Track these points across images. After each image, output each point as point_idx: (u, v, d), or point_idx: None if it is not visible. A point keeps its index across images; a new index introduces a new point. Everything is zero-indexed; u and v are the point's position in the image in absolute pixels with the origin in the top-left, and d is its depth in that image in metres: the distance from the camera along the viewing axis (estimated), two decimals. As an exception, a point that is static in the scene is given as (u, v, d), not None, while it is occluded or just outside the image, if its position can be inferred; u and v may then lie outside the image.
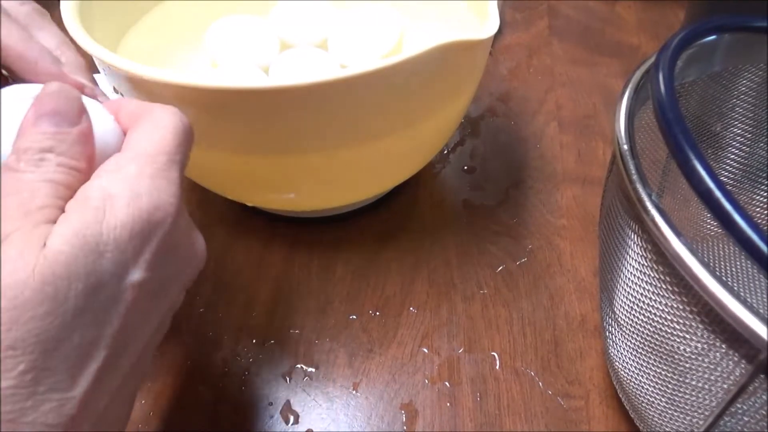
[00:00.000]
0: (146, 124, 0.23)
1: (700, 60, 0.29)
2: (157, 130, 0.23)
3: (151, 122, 0.23)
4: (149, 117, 0.23)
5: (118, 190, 0.20)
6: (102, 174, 0.21)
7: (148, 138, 0.22)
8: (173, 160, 0.22)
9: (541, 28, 0.59)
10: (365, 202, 0.42)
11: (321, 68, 0.40)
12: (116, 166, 0.21)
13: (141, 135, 0.23)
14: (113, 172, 0.21)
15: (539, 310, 0.37)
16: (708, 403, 0.23)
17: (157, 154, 0.22)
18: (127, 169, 0.21)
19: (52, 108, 0.21)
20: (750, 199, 0.33)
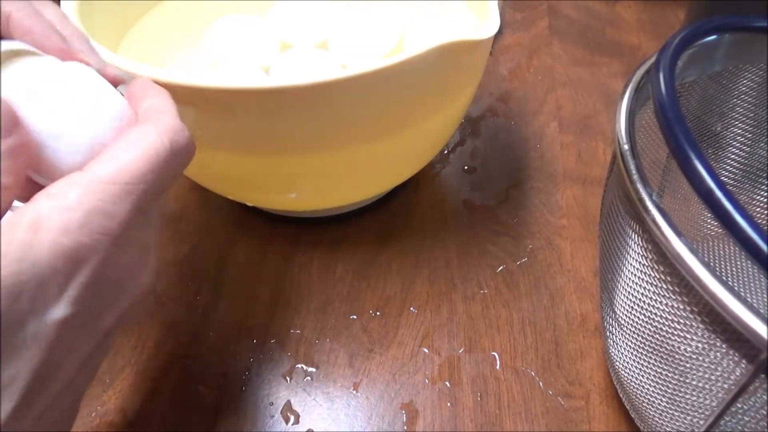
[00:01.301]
0: (122, 141, 0.21)
1: (700, 60, 0.29)
2: (127, 152, 0.21)
3: (128, 139, 0.21)
4: (132, 131, 0.22)
5: (48, 221, 0.19)
6: (41, 198, 0.20)
7: (113, 159, 0.21)
8: (129, 190, 0.21)
9: (541, 28, 0.59)
10: (365, 202, 0.42)
11: (321, 68, 0.40)
12: (61, 188, 0.20)
13: (110, 152, 0.21)
14: (53, 197, 0.20)
15: (539, 310, 0.37)
16: (708, 403, 0.23)
17: (110, 182, 0.20)
18: (68, 196, 0.19)
19: None
20: (750, 199, 0.33)
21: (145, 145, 0.21)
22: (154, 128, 0.22)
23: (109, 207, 0.20)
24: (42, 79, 0.22)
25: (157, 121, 0.22)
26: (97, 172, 0.20)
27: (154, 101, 0.24)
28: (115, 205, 0.20)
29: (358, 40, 0.42)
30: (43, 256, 0.18)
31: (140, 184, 0.21)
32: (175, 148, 0.22)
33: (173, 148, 0.22)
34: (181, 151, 0.22)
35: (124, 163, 0.21)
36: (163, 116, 0.23)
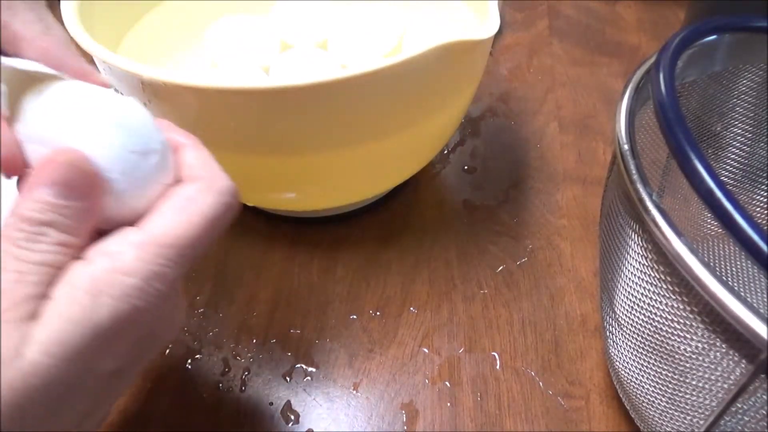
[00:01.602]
0: (179, 199, 0.21)
1: (700, 60, 0.29)
2: (186, 214, 0.21)
3: (185, 199, 0.21)
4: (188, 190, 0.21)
5: (108, 288, 0.19)
6: (98, 257, 0.20)
7: (170, 221, 0.20)
8: (185, 254, 0.20)
9: (541, 28, 0.59)
10: (365, 202, 0.42)
11: (321, 68, 0.40)
12: (119, 249, 0.20)
13: (166, 213, 0.21)
14: (111, 258, 0.19)
15: (539, 310, 0.37)
16: (708, 403, 0.23)
17: (169, 245, 0.20)
18: (126, 260, 0.19)
19: (62, 178, 0.20)
20: (750, 199, 0.33)
21: (203, 209, 0.21)
22: (210, 191, 0.21)
23: (165, 271, 0.20)
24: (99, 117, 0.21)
25: (213, 181, 0.22)
26: (156, 234, 0.20)
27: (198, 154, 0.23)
28: (171, 269, 0.20)
29: (358, 40, 0.42)
30: (102, 321, 0.19)
31: (196, 248, 0.21)
32: (228, 212, 0.22)
33: (227, 211, 0.22)
34: (231, 212, 0.22)
35: (182, 228, 0.20)
36: (217, 176, 0.22)
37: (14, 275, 0.18)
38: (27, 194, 0.19)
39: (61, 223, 0.19)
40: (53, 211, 0.19)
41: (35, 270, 0.19)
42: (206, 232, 0.21)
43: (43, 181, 0.19)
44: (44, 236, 0.19)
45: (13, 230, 0.19)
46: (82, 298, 0.19)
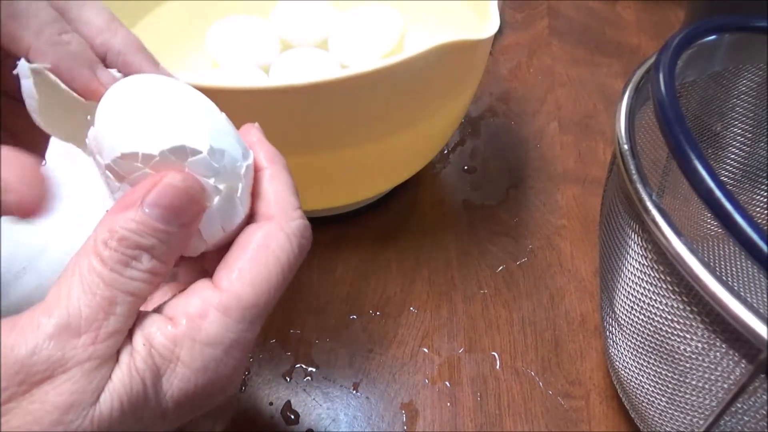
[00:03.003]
0: (255, 248, 0.19)
1: (700, 60, 0.29)
2: (267, 267, 0.19)
3: (266, 249, 0.19)
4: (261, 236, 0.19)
5: (187, 356, 0.17)
6: (181, 319, 0.18)
7: (249, 277, 0.19)
8: (264, 314, 0.19)
9: (541, 28, 0.59)
10: (365, 202, 0.42)
11: (321, 68, 0.40)
12: (198, 311, 0.18)
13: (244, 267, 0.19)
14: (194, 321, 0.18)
15: (539, 310, 0.37)
16: (708, 403, 0.23)
17: (251, 306, 0.18)
18: (208, 331, 0.18)
19: (171, 202, 0.18)
20: (750, 199, 0.33)
21: (279, 255, 0.19)
22: (286, 234, 0.20)
23: (247, 336, 0.18)
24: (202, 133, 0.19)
25: (288, 221, 0.20)
26: (238, 294, 0.18)
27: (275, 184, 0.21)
28: (251, 333, 0.19)
29: (358, 40, 0.42)
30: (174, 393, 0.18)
31: (273, 303, 0.19)
32: (302, 254, 0.20)
33: (301, 253, 0.20)
34: (303, 255, 0.20)
35: (263, 286, 0.19)
36: (292, 214, 0.20)
37: (103, 302, 0.17)
38: (124, 211, 0.18)
39: (158, 249, 0.18)
40: (154, 236, 0.18)
41: (126, 301, 0.17)
42: (283, 284, 0.19)
43: (151, 201, 0.18)
44: (138, 262, 0.17)
45: (104, 248, 0.17)
46: (160, 360, 0.17)
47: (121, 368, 0.17)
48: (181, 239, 0.18)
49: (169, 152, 0.18)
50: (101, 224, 0.18)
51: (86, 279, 0.17)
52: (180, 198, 0.18)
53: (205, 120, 0.20)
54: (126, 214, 0.18)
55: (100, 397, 0.16)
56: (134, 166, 0.19)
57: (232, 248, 0.19)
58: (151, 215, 0.18)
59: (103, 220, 0.18)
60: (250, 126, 0.23)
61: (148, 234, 0.18)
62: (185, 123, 0.19)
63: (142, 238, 0.17)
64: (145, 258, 0.18)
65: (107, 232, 0.17)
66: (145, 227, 0.18)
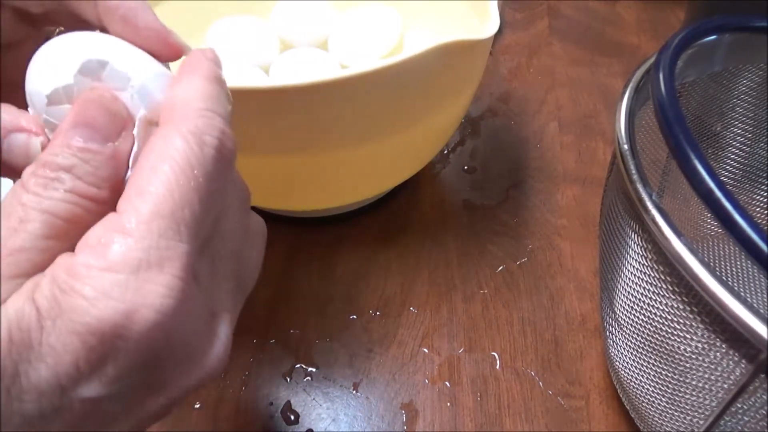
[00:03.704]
0: (153, 159, 0.17)
1: (700, 60, 0.29)
2: (162, 171, 0.17)
3: (159, 154, 0.17)
4: (161, 144, 0.17)
5: (84, 286, 0.15)
6: (82, 249, 0.16)
7: (146, 186, 0.17)
8: (175, 225, 0.16)
9: (541, 28, 0.59)
10: (365, 202, 0.42)
11: (321, 68, 0.40)
12: (100, 238, 0.16)
13: (139, 179, 0.17)
14: (93, 249, 0.16)
15: (539, 310, 0.37)
16: (708, 403, 0.23)
17: (153, 217, 0.16)
18: (106, 252, 0.16)
19: (85, 118, 0.17)
20: (750, 199, 0.33)
21: (175, 158, 0.17)
22: (181, 134, 0.17)
23: (160, 254, 0.16)
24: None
25: (184, 122, 0.18)
26: (135, 209, 0.16)
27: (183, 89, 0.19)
28: (168, 249, 0.16)
29: (358, 40, 0.42)
30: (72, 327, 0.15)
31: (185, 209, 0.17)
32: (210, 152, 0.18)
33: (203, 151, 0.18)
34: (218, 153, 0.18)
35: (157, 190, 0.17)
36: (190, 114, 0.18)
37: (14, 221, 0.16)
38: (52, 139, 0.17)
39: (81, 168, 0.17)
40: (75, 156, 0.17)
41: (37, 219, 0.16)
42: (189, 186, 0.17)
43: (68, 122, 0.17)
44: (57, 182, 0.17)
45: (29, 176, 0.17)
46: (56, 289, 0.15)
47: (20, 294, 0.16)
48: (108, 157, 0.17)
49: (80, 73, 0.18)
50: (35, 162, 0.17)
51: (6, 203, 0.17)
52: (93, 110, 0.18)
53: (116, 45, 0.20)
54: (50, 145, 0.17)
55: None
56: (63, 109, 0.19)
57: (137, 167, 0.18)
58: (71, 135, 0.17)
59: None
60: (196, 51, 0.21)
61: (69, 154, 0.17)
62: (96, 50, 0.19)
63: (62, 159, 0.17)
64: (67, 177, 0.17)
65: (34, 164, 0.17)
66: (65, 148, 0.17)
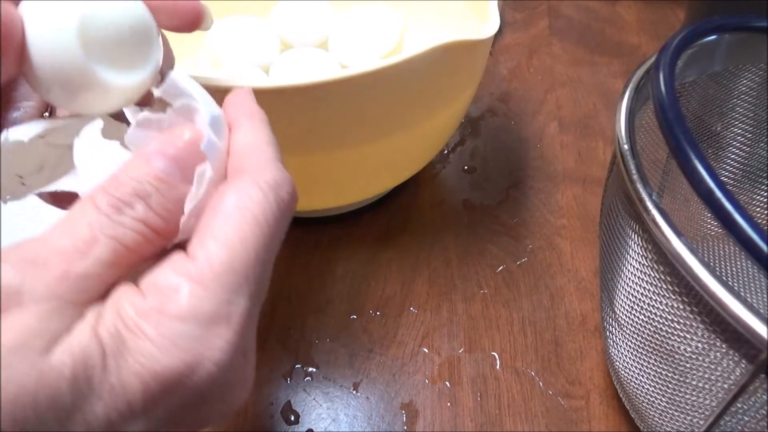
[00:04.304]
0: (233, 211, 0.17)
1: (700, 60, 0.29)
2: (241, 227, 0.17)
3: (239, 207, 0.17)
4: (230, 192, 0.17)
5: (153, 331, 0.15)
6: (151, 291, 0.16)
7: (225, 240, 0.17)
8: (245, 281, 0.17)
9: (541, 28, 0.59)
10: (365, 202, 0.42)
11: (321, 68, 0.40)
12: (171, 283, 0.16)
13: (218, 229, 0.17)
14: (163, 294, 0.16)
15: (539, 310, 0.37)
16: (708, 403, 0.23)
17: (227, 272, 0.16)
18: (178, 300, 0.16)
19: (176, 152, 0.17)
20: (750, 199, 0.33)
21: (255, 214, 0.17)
22: (260, 188, 0.18)
23: (228, 309, 0.16)
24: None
25: (262, 174, 0.18)
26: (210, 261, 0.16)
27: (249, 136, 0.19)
28: (234, 304, 0.16)
29: (358, 40, 0.42)
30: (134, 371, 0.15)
31: (256, 267, 0.17)
32: (285, 209, 0.18)
33: (281, 208, 0.18)
34: (288, 209, 0.18)
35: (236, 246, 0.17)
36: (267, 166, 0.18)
37: (81, 242, 0.15)
38: (133, 161, 0.17)
39: (155, 199, 0.17)
40: (152, 183, 0.17)
41: (107, 245, 0.16)
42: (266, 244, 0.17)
43: (157, 151, 0.17)
44: (131, 209, 0.16)
45: (101, 193, 0.16)
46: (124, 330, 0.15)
47: (84, 325, 0.15)
48: (179, 194, 0.17)
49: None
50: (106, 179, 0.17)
51: (73, 220, 0.16)
52: (184, 147, 0.17)
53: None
54: (128, 164, 0.17)
55: (54, 348, 0.14)
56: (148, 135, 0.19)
57: (204, 213, 0.18)
58: (152, 163, 0.17)
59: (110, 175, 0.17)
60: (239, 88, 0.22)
61: (146, 181, 0.17)
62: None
63: (139, 185, 0.16)
64: (140, 206, 0.16)
65: (108, 180, 0.17)
66: (145, 174, 0.17)
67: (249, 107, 0.21)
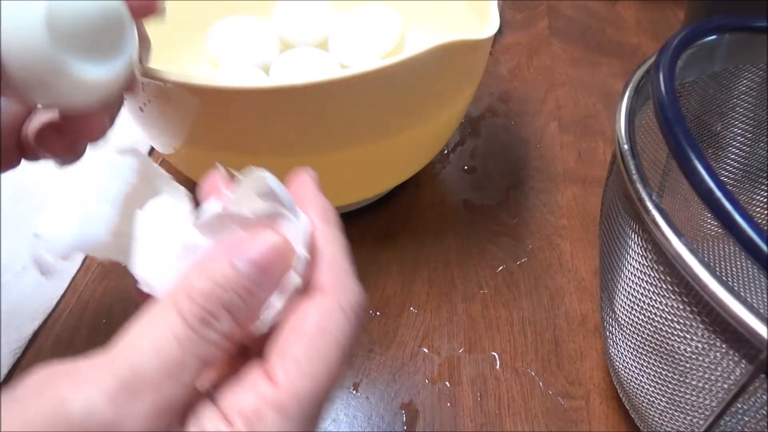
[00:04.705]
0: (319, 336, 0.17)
1: (700, 60, 0.29)
2: (327, 355, 0.17)
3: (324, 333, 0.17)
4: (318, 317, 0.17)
5: None
6: (235, 418, 0.16)
7: (311, 369, 0.16)
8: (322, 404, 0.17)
9: (541, 28, 0.59)
10: (365, 202, 0.42)
11: (321, 68, 0.40)
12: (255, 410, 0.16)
13: (303, 356, 0.16)
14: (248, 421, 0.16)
15: (539, 310, 0.37)
16: (708, 403, 0.23)
17: (311, 400, 0.16)
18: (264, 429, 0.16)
19: (267, 262, 0.17)
20: (750, 199, 0.33)
21: (339, 341, 0.17)
22: (344, 312, 0.17)
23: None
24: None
25: (345, 295, 0.18)
26: (296, 391, 0.16)
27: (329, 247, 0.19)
28: (310, 426, 0.17)
29: (358, 40, 0.42)
30: None
31: (333, 389, 0.17)
32: (359, 329, 0.18)
33: (358, 330, 0.18)
34: (361, 328, 0.18)
35: (321, 375, 0.17)
36: (349, 285, 0.18)
37: (172, 365, 0.15)
38: (212, 263, 0.17)
39: (239, 310, 0.16)
40: (238, 293, 0.16)
41: (194, 367, 0.16)
42: (343, 368, 0.17)
43: (243, 256, 0.17)
44: (217, 321, 0.16)
45: (186, 300, 0.16)
46: None
47: None
48: (259, 304, 0.17)
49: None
50: (186, 274, 0.17)
51: (160, 332, 0.16)
52: (272, 257, 0.17)
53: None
54: (214, 265, 0.17)
55: None
56: (225, 226, 0.18)
57: (285, 328, 0.17)
58: (240, 270, 0.17)
59: (189, 269, 0.17)
60: (305, 175, 0.21)
61: (233, 290, 0.16)
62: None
63: (226, 294, 0.16)
64: (225, 318, 0.16)
65: (192, 283, 0.16)
66: (231, 282, 0.16)
67: (321, 205, 0.20)
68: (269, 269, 0.17)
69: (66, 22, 0.18)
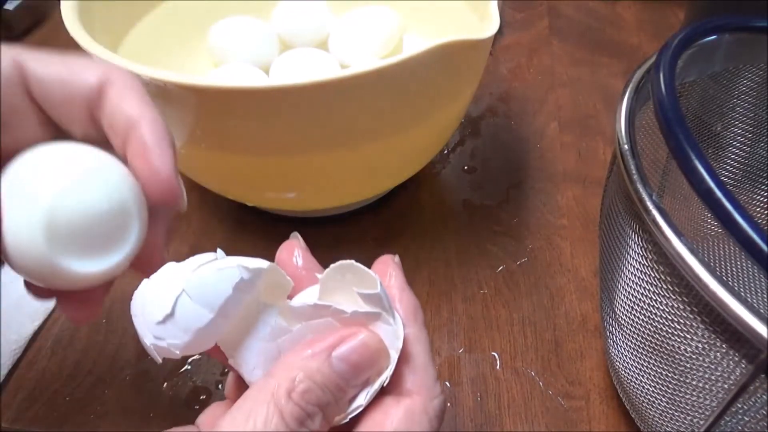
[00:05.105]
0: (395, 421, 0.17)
1: (700, 60, 0.29)
2: None
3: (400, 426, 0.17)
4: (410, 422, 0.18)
5: None
6: None
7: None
8: None
9: (541, 28, 0.59)
10: (365, 202, 0.42)
11: (321, 68, 0.40)
12: None
13: None
14: None
15: (539, 310, 0.37)
16: (708, 403, 0.23)
17: None
18: None
19: (361, 361, 0.17)
20: (750, 199, 0.33)
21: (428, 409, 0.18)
22: (429, 418, 0.18)
23: None
24: None
25: (431, 400, 0.18)
26: None
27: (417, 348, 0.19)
28: None
29: (358, 40, 0.42)
30: None
31: None
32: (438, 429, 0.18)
33: (438, 429, 0.18)
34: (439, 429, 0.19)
35: None
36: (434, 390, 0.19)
37: None
38: (310, 358, 0.17)
39: (330, 407, 0.17)
40: (333, 393, 0.17)
41: None
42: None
43: (341, 354, 0.17)
44: (311, 421, 0.16)
45: (286, 400, 0.16)
46: None
47: None
48: (348, 401, 0.18)
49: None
50: (284, 367, 0.17)
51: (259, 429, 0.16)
52: (368, 358, 0.18)
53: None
54: (313, 362, 0.17)
55: None
56: (320, 315, 0.18)
57: (368, 424, 0.18)
58: (337, 369, 0.17)
59: (286, 362, 0.17)
60: (389, 260, 0.21)
61: (329, 390, 0.17)
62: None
63: (323, 394, 0.17)
64: (318, 418, 0.17)
65: (291, 380, 0.17)
66: (329, 382, 0.17)
67: (411, 303, 0.20)
68: (363, 369, 0.18)
69: (66, 227, 0.19)
